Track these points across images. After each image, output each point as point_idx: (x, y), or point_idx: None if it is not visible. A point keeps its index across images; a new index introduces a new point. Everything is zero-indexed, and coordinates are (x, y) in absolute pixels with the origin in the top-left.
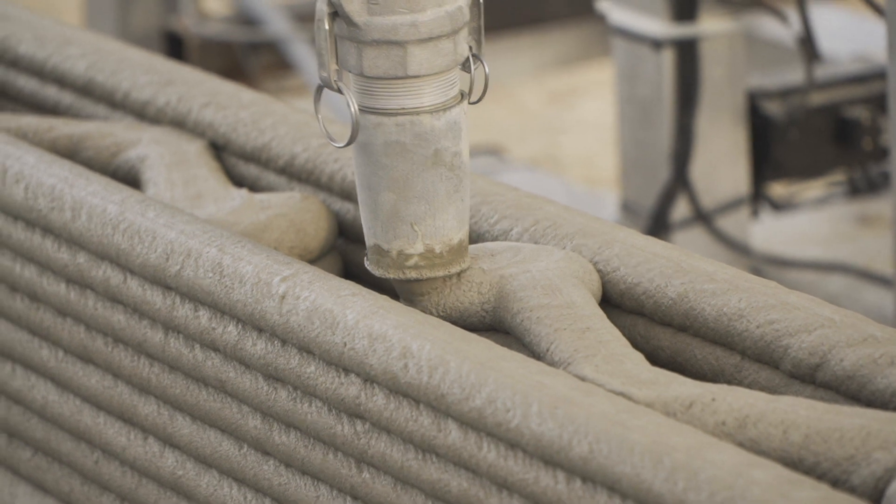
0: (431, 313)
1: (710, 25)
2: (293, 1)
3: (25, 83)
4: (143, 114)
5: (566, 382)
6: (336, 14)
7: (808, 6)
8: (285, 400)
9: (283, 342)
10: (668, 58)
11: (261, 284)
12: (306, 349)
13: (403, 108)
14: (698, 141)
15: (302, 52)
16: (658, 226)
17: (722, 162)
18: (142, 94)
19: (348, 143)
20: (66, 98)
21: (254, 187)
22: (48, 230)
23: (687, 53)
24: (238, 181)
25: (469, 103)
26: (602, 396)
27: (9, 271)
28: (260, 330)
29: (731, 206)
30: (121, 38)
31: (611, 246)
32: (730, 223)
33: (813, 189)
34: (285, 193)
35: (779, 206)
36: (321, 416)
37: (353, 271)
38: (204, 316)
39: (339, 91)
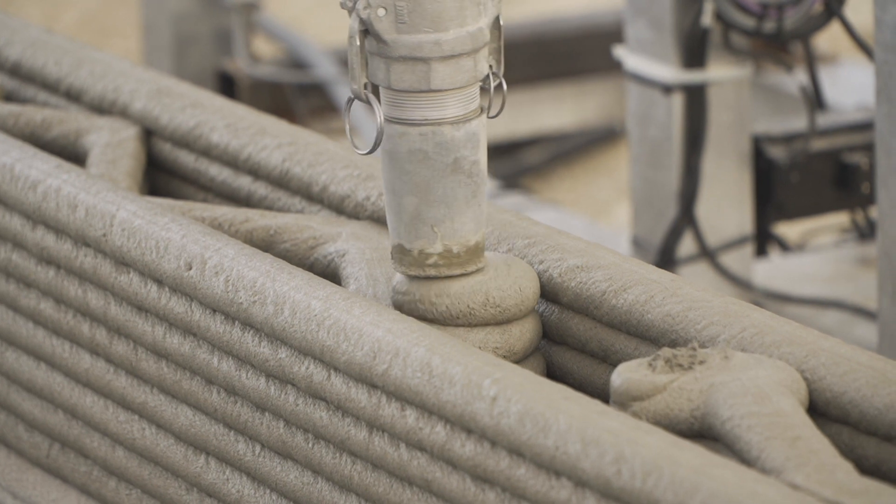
0: (641, 419)
1: (718, 72)
2: (341, 45)
3: (218, 172)
4: (342, 208)
5: (779, 491)
6: (367, 32)
7: (814, 59)
8: (494, 502)
9: (493, 444)
10: (677, 102)
11: (471, 386)
12: (517, 452)
13: (426, 119)
14: (705, 181)
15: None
16: (665, 261)
17: (727, 202)
18: (340, 187)
19: (371, 151)
20: (261, 189)
21: None
22: (248, 324)
23: (695, 98)
24: None
25: (488, 117)
26: None
27: (206, 364)
28: (469, 431)
29: (735, 243)
30: (176, 77)
31: (817, 355)
32: (734, 260)
33: (824, 234)
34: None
35: (787, 248)
36: None
37: (554, 373)
38: (411, 415)
39: (368, 102)
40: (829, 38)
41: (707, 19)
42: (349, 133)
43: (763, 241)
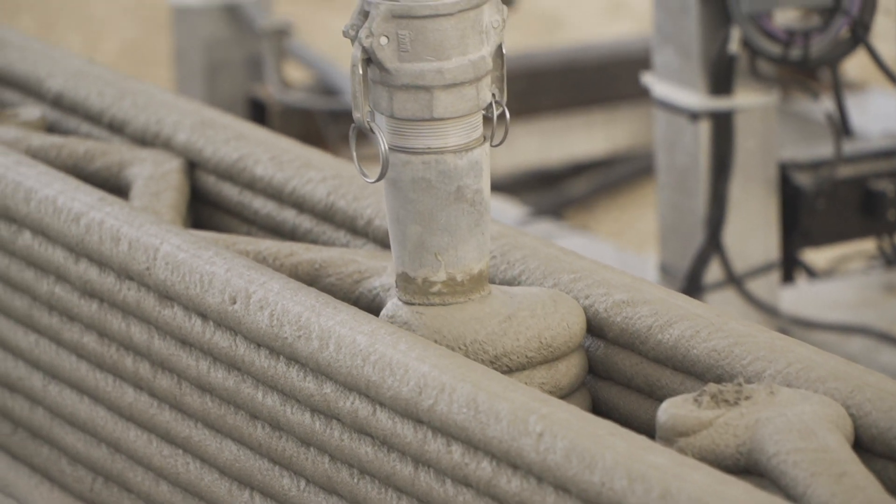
0: (687, 455)
1: (745, 99)
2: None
3: (262, 205)
4: (387, 242)
5: None
6: (369, 60)
7: (841, 86)
8: None
9: (539, 480)
10: (704, 129)
11: (517, 422)
12: (563, 488)
13: (429, 148)
14: (732, 208)
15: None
16: (692, 287)
17: (754, 228)
18: (386, 221)
19: (378, 179)
20: (306, 222)
21: None
22: (293, 359)
23: (722, 125)
24: None
25: (491, 146)
26: None
27: (250, 399)
28: (515, 467)
29: (761, 270)
30: (208, 103)
31: (862, 390)
32: (760, 286)
33: (854, 261)
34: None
35: (815, 274)
36: None
37: (600, 408)
38: (457, 451)
39: (371, 131)
40: (859, 67)
41: (734, 46)
42: (356, 161)
43: (791, 267)
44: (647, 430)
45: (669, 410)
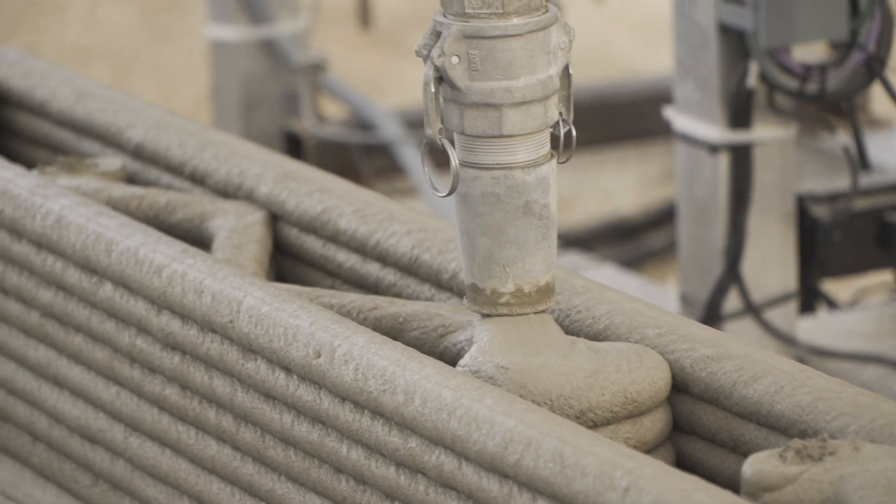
0: None
1: (763, 132)
2: (405, 107)
3: (346, 259)
4: None
5: None
6: (441, 79)
7: (857, 120)
8: None
9: None
10: (723, 161)
11: (603, 476)
12: None
13: (498, 164)
14: (750, 239)
15: (412, 156)
16: (711, 316)
17: (772, 259)
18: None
19: (449, 193)
20: (390, 276)
21: None
22: (378, 413)
23: (741, 158)
24: None
25: (558, 163)
26: None
27: (334, 452)
28: None
29: (779, 300)
30: (245, 137)
31: None
32: (778, 316)
33: (876, 293)
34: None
35: (835, 305)
36: None
37: (684, 463)
38: None
39: (443, 147)
40: (885, 103)
41: (752, 80)
42: (428, 176)
43: (812, 299)
44: (732, 485)
45: (755, 465)
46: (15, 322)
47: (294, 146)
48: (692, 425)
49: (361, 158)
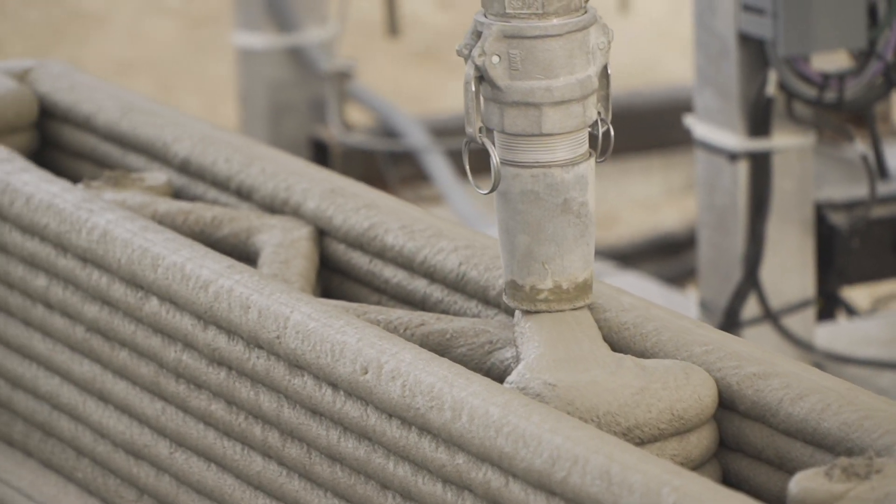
0: None
1: (782, 141)
2: (431, 115)
3: (393, 274)
4: None
5: None
6: (481, 78)
7: (876, 128)
8: None
9: None
10: (743, 169)
11: (650, 494)
12: None
13: (538, 162)
14: (769, 246)
15: (438, 164)
16: (730, 323)
17: (790, 266)
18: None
19: (491, 191)
20: (437, 292)
21: None
22: (425, 429)
23: (760, 166)
24: None
25: (596, 162)
26: None
27: (381, 469)
28: None
29: (797, 306)
30: (272, 144)
31: None
32: (796, 322)
33: (892, 301)
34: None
35: (855, 312)
36: None
37: (730, 480)
38: None
39: (483, 145)
40: None
41: (771, 89)
42: (469, 174)
43: (832, 306)
44: (778, 502)
45: (801, 483)
46: (60, 337)
47: (321, 153)
48: (738, 443)
49: (387, 166)
